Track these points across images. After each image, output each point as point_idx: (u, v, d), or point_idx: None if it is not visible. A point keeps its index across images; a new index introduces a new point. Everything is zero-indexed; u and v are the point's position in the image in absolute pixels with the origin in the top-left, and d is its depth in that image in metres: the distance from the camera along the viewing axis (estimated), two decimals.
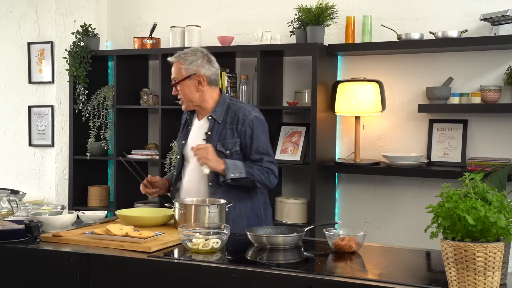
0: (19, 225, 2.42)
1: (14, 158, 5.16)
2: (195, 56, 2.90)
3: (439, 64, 3.98)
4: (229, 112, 2.91)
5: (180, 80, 2.89)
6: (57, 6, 4.91)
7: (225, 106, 2.93)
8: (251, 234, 2.37)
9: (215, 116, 2.91)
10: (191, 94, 2.90)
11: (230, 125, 2.89)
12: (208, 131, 2.91)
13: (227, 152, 2.87)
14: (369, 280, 1.92)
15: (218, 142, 2.87)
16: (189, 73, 2.88)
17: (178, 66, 2.90)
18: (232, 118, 2.90)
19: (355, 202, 4.23)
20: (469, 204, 1.70)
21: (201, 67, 2.89)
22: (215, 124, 2.91)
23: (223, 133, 2.89)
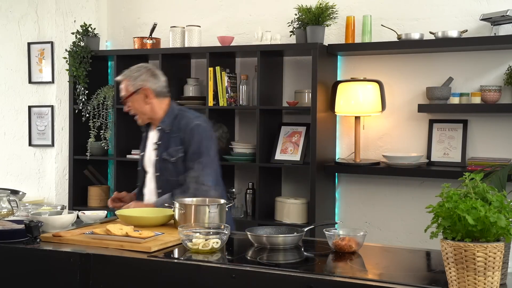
0: (19, 225, 2.42)
1: (14, 158, 5.16)
2: (139, 72, 3.08)
3: (439, 64, 3.98)
4: (175, 121, 3.07)
5: (128, 96, 3.06)
6: (57, 6, 4.91)
7: (173, 116, 3.08)
8: (251, 234, 2.37)
9: (163, 126, 3.07)
10: (141, 107, 3.07)
11: (176, 134, 3.04)
12: (158, 141, 3.08)
13: (172, 160, 3.02)
14: (369, 280, 1.93)
15: (164, 151, 3.03)
16: (136, 88, 3.05)
17: (125, 83, 3.08)
18: (177, 127, 3.05)
19: (355, 202, 4.23)
20: (469, 204, 1.70)
21: (146, 81, 3.06)
22: (163, 134, 3.06)
23: (169, 142, 3.04)
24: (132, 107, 3.08)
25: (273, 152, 4.20)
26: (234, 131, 4.55)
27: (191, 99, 4.41)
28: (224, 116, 4.42)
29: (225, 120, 4.44)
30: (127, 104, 3.08)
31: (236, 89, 4.31)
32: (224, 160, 4.26)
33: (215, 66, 4.23)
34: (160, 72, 3.16)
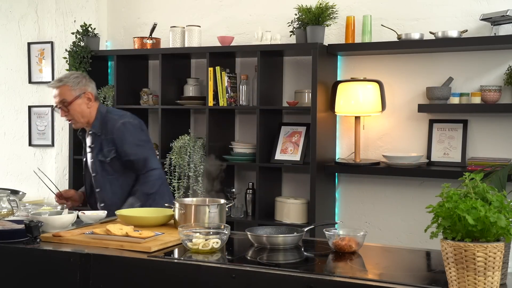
0: (19, 225, 2.42)
1: (14, 158, 5.16)
2: (78, 78, 3.17)
3: (439, 64, 3.98)
4: (104, 123, 3.18)
5: (71, 101, 3.11)
6: (57, 6, 4.91)
7: (101, 119, 3.19)
8: (251, 234, 2.37)
9: (94, 130, 3.18)
10: (83, 111, 3.15)
11: (105, 136, 3.16)
12: (91, 144, 3.19)
13: (107, 160, 3.14)
14: (369, 280, 1.93)
15: (99, 153, 3.14)
16: (78, 93, 3.14)
17: (65, 88, 3.13)
18: (106, 129, 3.16)
19: (355, 202, 4.23)
20: (469, 204, 1.70)
21: (87, 86, 3.19)
22: (95, 137, 3.18)
23: (101, 144, 3.16)
24: (72, 112, 3.13)
25: (273, 152, 4.20)
26: (234, 131, 4.55)
27: (191, 99, 4.41)
28: (224, 116, 4.42)
29: (225, 120, 4.44)
30: (64, 109, 3.12)
31: (236, 89, 4.31)
32: (224, 160, 4.26)
33: (215, 66, 4.23)
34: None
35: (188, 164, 4.20)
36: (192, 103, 4.39)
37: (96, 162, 3.16)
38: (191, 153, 4.20)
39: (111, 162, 3.13)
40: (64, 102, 3.12)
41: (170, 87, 4.49)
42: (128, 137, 3.15)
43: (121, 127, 3.14)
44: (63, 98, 3.13)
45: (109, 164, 3.13)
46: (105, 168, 3.15)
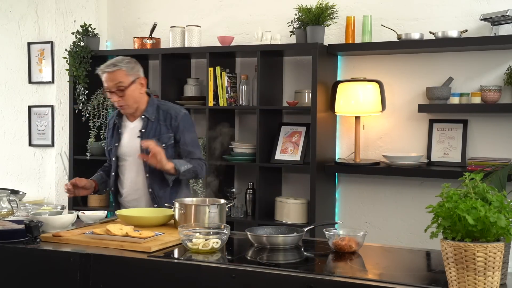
0: (19, 225, 2.42)
1: (14, 158, 5.16)
2: (131, 63, 3.13)
3: (439, 64, 3.98)
4: (160, 111, 3.17)
5: (128, 85, 3.07)
6: (57, 6, 4.91)
7: (155, 106, 3.18)
8: (251, 234, 2.37)
9: (148, 115, 3.14)
10: (136, 97, 3.12)
11: (164, 122, 3.15)
12: (142, 129, 3.14)
13: (163, 146, 3.09)
14: (369, 280, 1.93)
15: (154, 138, 3.09)
16: (133, 78, 3.10)
17: (121, 73, 3.08)
18: (164, 116, 3.16)
19: (355, 202, 4.23)
20: (469, 204, 1.70)
21: (140, 71, 3.16)
22: (148, 122, 3.14)
23: (158, 129, 3.13)
24: (127, 97, 3.08)
25: (273, 152, 4.20)
26: (234, 131, 4.55)
27: (191, 99, 4.41)
28: (224, 116, 4.42)
29: (225, 120, 4.43)
30: (119, 94, 3.07)
31: (236, 89, 4.31)
32: (224, 160, 4.27)
33: (215, 66, 4.23)
34: None
35: None
36: (192, 103, 4.39)
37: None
38: None
39: (167, 148, 3.09)
40: (120, 87, 3.07)
41: (170, 87, 4.49)
42: (191, 127, 3.20)
43: (186, 117, 3.17)
44: (119, 82, 3.07)
45: (165, 150, 3.05)
46: None
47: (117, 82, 3.07)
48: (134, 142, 3.14)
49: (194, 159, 3.13)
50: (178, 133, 3.13)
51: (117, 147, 3.19)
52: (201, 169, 3.14)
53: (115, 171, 3.21)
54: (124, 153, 3.18)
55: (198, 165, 3.13)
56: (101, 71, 3.12)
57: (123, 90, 3.07)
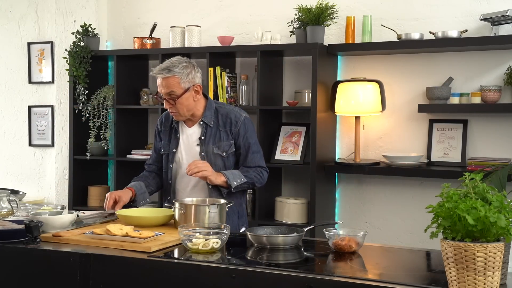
0: (19, 225, 2.42)
1: (14, 158, 5.16)
2: (187, 69, 2.89)
3: (439, 64, 3.98)
4: (219, 116, 2.98)
5: (180, 95, 2.87)
6: (57, 6, 4.91)
7: (212, 109, 2.99)
8: (251, 234, 2.37)
9: (206, 121, 2.96)
10: (189, 105, 2.91)
11: (223, 128, 2.96)
12: (201, 136, 2.95)
13: (224, 154, 2.94)
14: (369, 280, 1.93)
15: (213, 145, 2.94)
16: (187, 86, 2.88)
17: (174, 80, 2.86)
18: (224, 121, 2.97)
19: (355, 202, 4.23)
20: (469, 204, 1.70)
21: (196, 77, 2.92)
22: (207, 128, 2.96)
23: (217, 136, 2.96)
24: (179, 106, 2.89)
25: (273, 152, 4.20)
26: None
27: None
28: None
29: None
30: (171, 102, 2.88)
31: (236, 89, 4.32)
32: None
33: (215, 66, 4.23)
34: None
35: None
36: None
37: (210, 154, 2.93)
38: None
39: (228, 157, 2.95)
40: (171, 95, 2.86)
41: None
42: (252, 132, 3.02)
43: (246, 121, 2.99)
44: (171, 90, 2.86)
45: (225, 158, 2.95)
46: (217, 163, 2.92)
47: (169, 90, 2.87)
48: (193, 150, 2.97)
49: (253, 168, 2.96)
50: (239, 139, 2.96)
51: (175, 153, 3.01)
52: (259, 177, 2.98)
53: (171, 177, 3.02)
54: (181, 160, 3.00)
55: (257, 174, 2.97)
56: (156, 75, 2.91)
57: (175, 99, 2.87)
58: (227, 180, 2.85)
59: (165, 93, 2.88)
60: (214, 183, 2.85)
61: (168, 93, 2.87)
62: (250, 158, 2.97)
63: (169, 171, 3.02)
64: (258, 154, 3.01)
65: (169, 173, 3.02)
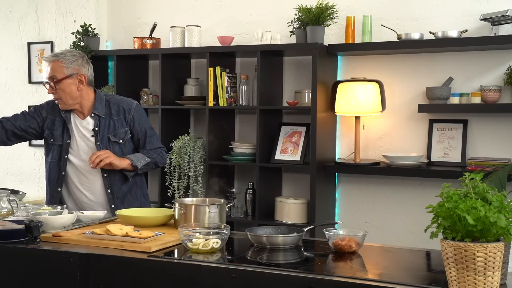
0: (19, 225, 2.42)
1: (14, 158, 5.16)
2: (74, 57, 3.01)
3: (439, 64, 3.98)
4: (111, 105, 3.09)
5: (61, 79, 2.96)
6: (57, 6, 4.91)
7: (103, 102, 3.09)
8: (251, 234, 2.37)
9: (98, 112, 3.06)
10: (71, 93, 3.00)
11: (117, 116, 3.08)
12: (95, 127, 3.05)
13: (121, 142, 3.06)
14: (369, 280, 1.93)
15: (109, 134, 3.04)
16: (71, 72, 2.98)
17: (58, 64, 2.97)
18: (117, 110, 3.09)
19: (355, 202, 4.23)
20: (469, 204, 1.70)
21: (82, 67, 3.02)
22: (100, 119, 3.05)
23: (112, 125, 3.06)
24: (59, 91, 2.98)
25: (273, 152, 4.20)
26: (234, 131, 4.55)
27: (191, 99, 4.41)
28: (224, 116, 4.42)
29: (225, 120, 4.44)
30: (52, 86, 2.97)
31: (236, 89, 4.32)
32: (224, 160, 4.27)
33: (215, 66, 4.23)
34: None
35: (188, 164, 4.20)
36: (192, 103, 4.39)
37: (106, 143, 3.03)
38: (191, 153, 4.20)
39: (125, 144, 3.07)
40: (53, 79, 2.97)
41: (170, 87, 4.49)
42: (145, 117, 3.17)
43: (138, 107, 3.14)
44: (53, 74, 2.97)
45: (122, 145, 3.06)
46: (115, 151, 3.01)
47: (52, 73, 2.98)
48: (89, 141, 3.05)
49: (153, 149, 3.11)
50: (134, 125, 3.09)
51: (69, 144, 3.05)
52: (161, 158, 3.13)
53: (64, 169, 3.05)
54: (78, 153, 3.05)
55: (158, 155, 3.12)
56: (44, 60, 3.04)
57: (55, 83, 2.96)
58: (131, 162, 2.98)
59: (48, 77, 2.98)
60: (119, 167, 2.97)
61: (51, 77, 2.97)
62: (148, 142, 3.11)
63: (62, 162, 3.06)
64: (154, 136, 3.17)
65: (61, 164, 3.06)
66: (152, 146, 3.12)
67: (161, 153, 3.15)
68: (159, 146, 3.16)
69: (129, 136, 3.09)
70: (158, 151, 3.13)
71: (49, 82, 2.99)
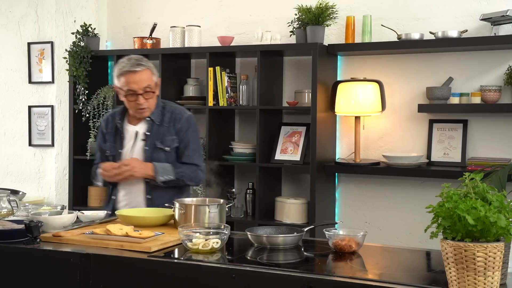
0: (19, 225, 2.42)
1: (14, 158, 5.16)
2: (149, 62, 2.98)
3: (439, 64, 3.98)
4: (165, 112, 3.05)
5: (155, 87, 2.94)
6: (57, 6, 4.91)
7: (159, 106, 3.06)
8: (251, 234, 2.37)
9: (153, 118, 3.02)
10: (155, 99, 3.00)
11: (168, 123, 3.03)
12: (147, 131, 3.02)
13: (167, 149, 3.01)
14: (369, 280, 1.92)
15: (157, 140, 3.00)
16: (157, 78, 2.99)
17: (149, 73, 2.93)
18: (169, 118, 3.04)
19: (355, 202, 4.23)
20: (469, 204, 1.70)
21: (156, 70, 3.02)
22: (153, 125, 3.02)
23: (161, 132, 3.02)
24: (152, 100, 2.94)
25: (273, 152, 4.20)
26: (234, 131, 4.55)
27: (191, 99, 4.41)
28: (224, 116, 4.42)
29: (225, 120, 4.44)
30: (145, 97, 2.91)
31: (236, 89, 4.32)
32: (224, 160, 4.27)
33: (215, 66, 4.23)
34: None
35: None
36: (192, 103, 4.39)
37: (153, 150, 2.98)
38: None
39: (170, 152, 3.00)
40: (147, 89, 2.89)
41: (170, 87, 4.49)
42: (194, 131, 3.07)
43: (190, 119, 3.06)
44: (147, 85, 2.89)
45: (168, 153, 2.99)
46: (160, 158, 2.98)
47: (146, 84, 2.90)
48: (138, 146, 3.03)
49: (188, 165, 3.01)
50: (180, 135, 3.02)
51: (121, 154, 3.04)
52: (194, 176, 3.02)
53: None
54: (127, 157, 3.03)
55: (191, 172, 3.00)
56: (124, 71, 2.89)
57: (150, 93, 2.90)
58: (154, 174, 2.92)
59: (140, 88, 2.91)
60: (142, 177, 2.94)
61: (144, 88, 2.91)
62: (186, 155, 3.02)
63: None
64: (196, 152, 3.06)
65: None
66: (188, 160, 3.01)
67: (195, 171, 3.02)
68: (196, 163, 3.04)
69: (176, 145, 3.01)
70: (192, 168, 3.01)
71: (140, 94, 2.90)
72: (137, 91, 2.91)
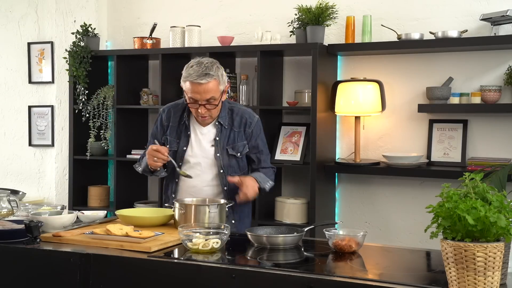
0: (19, 225, 2.42)
1: (14, 158, 5.16)
2: (219, 69, 2.80)
3: (439, 64, 3.98)
4: (233, 116, 2.92)
5: (220, 99, 2.80)
6: (57, 6, 4.91)
7: (226, 109, 2.92)
8: (251, 234, 2.37)
9: (222, 122, 2.89)
10: (219, 106, 2.85)
11: (238, 128, 2.91)
12: (216, 137, 2.89)
13: (239, 155, 2.91)
14: (369, 280, 1.93)
15: (228, 146, 2.89)
16: (223, 87, 2.82)
17: (215, 84, 2.76)
18: (238, 122, 2.91)
19: (355, 202, 4.23)
20: (469, 204, 1.70)
21: (225, 77, 2.83)
22: (222, 129, 2.90)
23: (231, 137, 2.90)
24: (215, 110, 2.82)
25: (273, 152, 4.19)
26: None
27: None
28: None
29: None
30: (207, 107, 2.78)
31: (236, 89, 4.32)
32: None
33: None
34: None
35: None
36: None
37: (224, 156, 2.87)
38: None
39: (242, 158, 2.91)
40: (214, 100, 2.76)
41: (170, 87, 4.48)
42: (262, 133, 2.99)
43: (259, 123, 2.96)
44: (211, 96, 2.75)
45: (240, 159, 2.91)
46: (232, 164, 2.89)
47: (210, 95, 2.75)
48: (207, 151, 2.89)
49: (267, 168, 2.98)
50: (251, 140, 2.92)
51: (185, 151, 2.89)
52: (274, 177, 3.03)
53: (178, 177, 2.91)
54: (195, 160, 2.89)
55: (272, 174, 3.00)
56: (190, 80, 2.75)
57: (214, 104, 2.78)
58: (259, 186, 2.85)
59: (203, 99, 2.76)
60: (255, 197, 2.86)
61: (208, 99, 2.76)
62: (263, 160, 2.98)
63: (176, 169, 2.88)
64: (269, 156, 3.05)
65: (175, 171, 2.90)
66: (266, 164, 2.99)
67: (273, 174, 3.02)
68: (272, 166, 3.04)
69: (247, 150, 2.93)
70: (271, 171, 3.00)
71: (202, 104, 2.76)
72: (199, 101, 2.77)
